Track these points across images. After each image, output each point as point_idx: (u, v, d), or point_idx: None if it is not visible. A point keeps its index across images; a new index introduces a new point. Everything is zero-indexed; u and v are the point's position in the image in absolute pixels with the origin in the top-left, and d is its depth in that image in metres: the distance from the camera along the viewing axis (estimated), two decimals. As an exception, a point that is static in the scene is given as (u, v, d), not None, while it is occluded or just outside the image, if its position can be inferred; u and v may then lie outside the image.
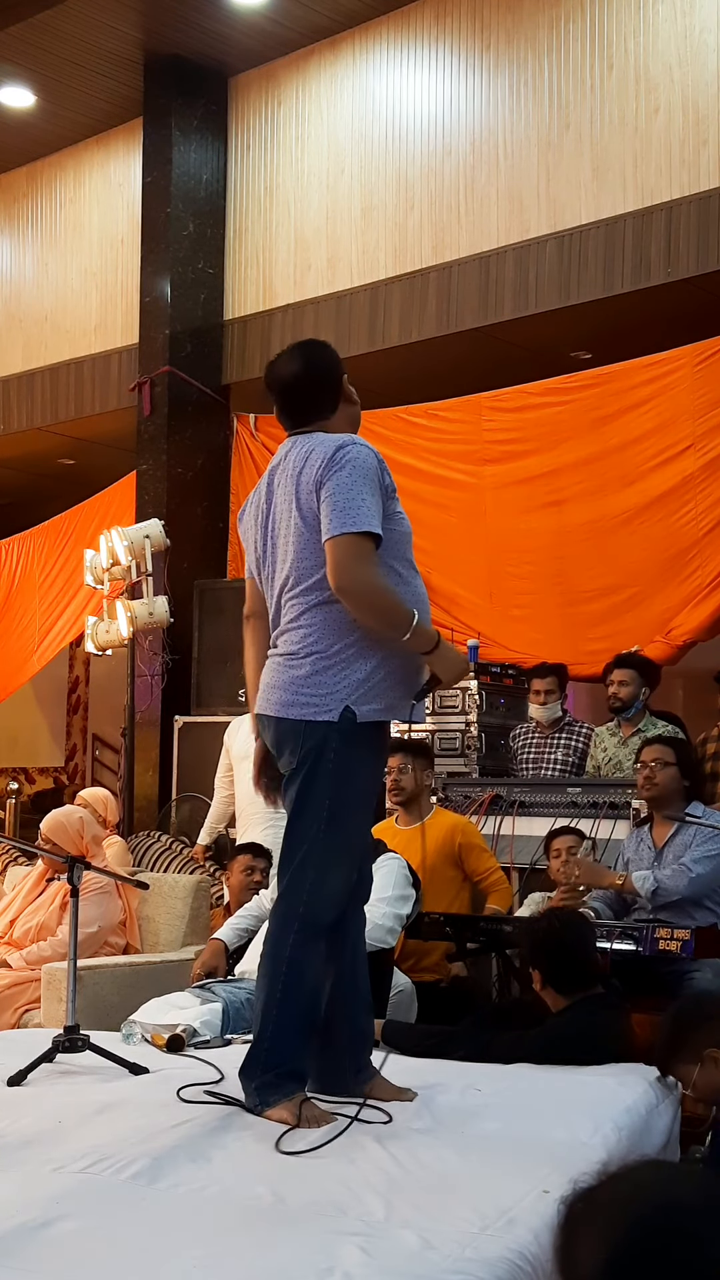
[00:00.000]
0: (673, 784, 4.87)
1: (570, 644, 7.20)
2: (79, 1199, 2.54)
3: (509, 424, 7.50)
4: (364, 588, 3.09)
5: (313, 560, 3.16)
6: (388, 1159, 2.82)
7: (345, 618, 3.15)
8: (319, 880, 3.15)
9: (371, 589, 3.10)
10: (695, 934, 4.33)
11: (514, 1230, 2.40)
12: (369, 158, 8.11)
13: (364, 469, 3.12)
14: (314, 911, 3.16)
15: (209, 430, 8.74)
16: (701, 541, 6.77)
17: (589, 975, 3.99)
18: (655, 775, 4.87)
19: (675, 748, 5.00)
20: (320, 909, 3.16)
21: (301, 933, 3.15)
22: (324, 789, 3.14)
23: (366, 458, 3.14)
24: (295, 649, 3.19)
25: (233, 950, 4.78)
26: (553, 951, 3.96)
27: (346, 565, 3.07)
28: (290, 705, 3.17)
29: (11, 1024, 4.95)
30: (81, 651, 11.52)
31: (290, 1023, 3.16)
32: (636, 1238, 1.25)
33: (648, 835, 4.93)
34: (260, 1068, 3.16)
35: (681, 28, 6.86)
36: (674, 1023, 3.48)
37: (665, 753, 4.92)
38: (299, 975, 3.16)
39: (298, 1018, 3.17)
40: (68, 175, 9.81)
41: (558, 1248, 1.33)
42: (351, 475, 3.11)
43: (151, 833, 7.19)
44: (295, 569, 3.20)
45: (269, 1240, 2.37)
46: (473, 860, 5.39)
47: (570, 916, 4.45)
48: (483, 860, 5.41)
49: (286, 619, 3.23)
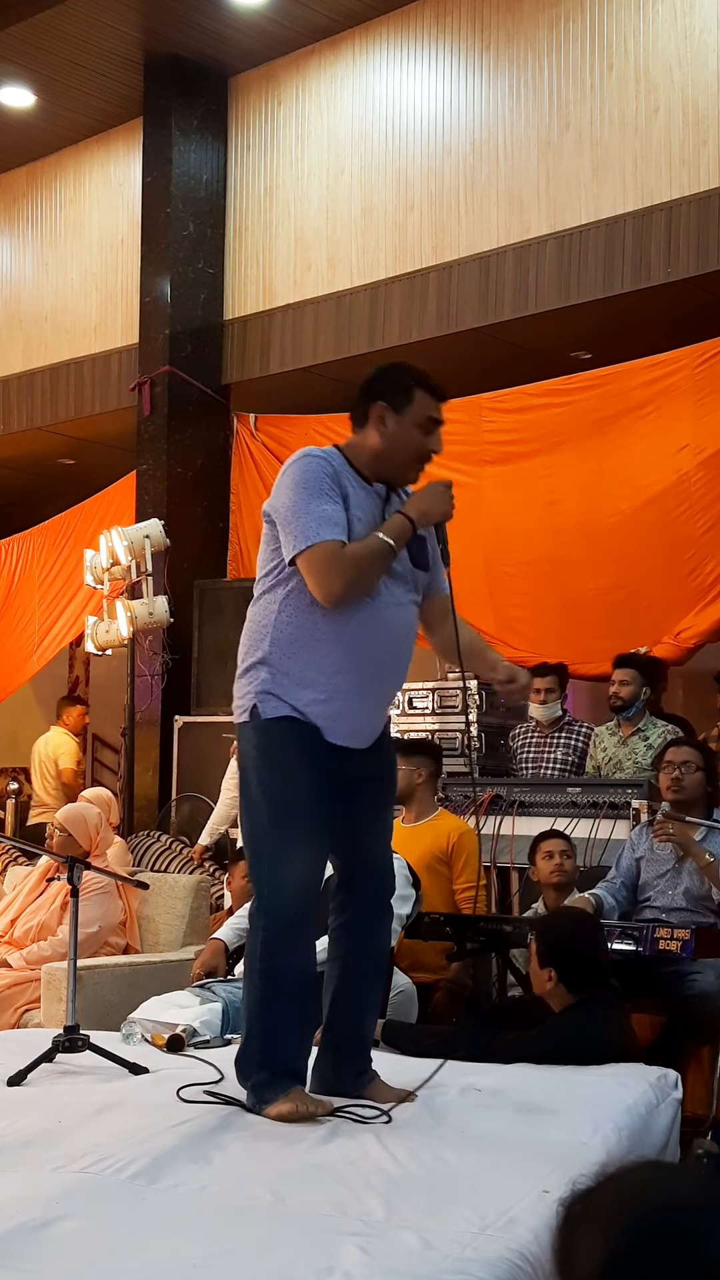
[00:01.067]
0: (699, 789, 4.86)
1: (570, 643, 7.20)
2: (79, 1199, 2.54)
3: (509, 425, 7.50)
4: (346, 592, 3.11)
5: (263, 559, 3.27)
6: (388, 1159, 2.82)
7: (258, 623, 3.23)
8: (272, 874, 3.17)
9: (349, 588, 3.11)
10: (695, 934, 4.33)
11: (514, 1230, 2.40)
12: (369, 158, 8.11)
13: (300, 480, 3.13)
14: (275, 904, 3.17)
15: (209, 430, 8.74)
16: (700, 541, 6.77)
17: (599, 975, 4.00)
18: (684, 779, 4.84)
19: (702, 751, 4.98)
20: (280, 902, 3.16)
21: (267, 928, 3.18)
22: (258, 786, 3.21)
23: (305, 467, 3.15)
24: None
25: (232, 950, 4.78)
26: (569, 951, 3.96)
27: (318, 583, 3.11)
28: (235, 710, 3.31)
29: (11, 1024, 4.95)
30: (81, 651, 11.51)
31: (275, 1018, 3.18)
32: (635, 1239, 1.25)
33: None
34: (255, 1066, 3.17)
35: (681, 28, 6.86)
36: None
37: (694, 756, 4.90)
38: (274, 969, 3.17)
39: (283, 1012, 3.18)
40: (68, 175, 9.80)
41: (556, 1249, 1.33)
42: (292, 492, 3.14)
43: (151, 833, 7.19)
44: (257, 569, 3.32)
45: (269, 1240, 2.37)
46: (458, 866, 5.36)
47: (583, 916, 4.45)
48: (465, 873, 5.37)
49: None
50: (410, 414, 3.23)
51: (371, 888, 3.41)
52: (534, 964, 4.02)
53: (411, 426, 3.23)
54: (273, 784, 3.21)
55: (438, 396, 3.27)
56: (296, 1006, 3.20)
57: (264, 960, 3.19)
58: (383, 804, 3.46)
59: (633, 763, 6.11)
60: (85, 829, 5.29)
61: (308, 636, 3.18)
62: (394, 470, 3.26)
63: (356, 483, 3.22)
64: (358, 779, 3.28)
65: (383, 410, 3.23)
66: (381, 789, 3.45)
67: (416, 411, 3.23)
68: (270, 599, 3.23)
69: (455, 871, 5.35)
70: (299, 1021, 3.22)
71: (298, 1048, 3.23)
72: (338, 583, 3.09)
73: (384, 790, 3.47)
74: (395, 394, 3.23)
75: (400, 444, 3.23)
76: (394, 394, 3.23)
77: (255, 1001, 3.21)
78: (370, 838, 3.38)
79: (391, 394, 3.23)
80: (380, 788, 3.43)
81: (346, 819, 3.30)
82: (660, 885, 4.83)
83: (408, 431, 3.23)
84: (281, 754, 3.21)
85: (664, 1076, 3.55)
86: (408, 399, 3.23)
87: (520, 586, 7.49)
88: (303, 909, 3.19)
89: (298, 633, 3.18)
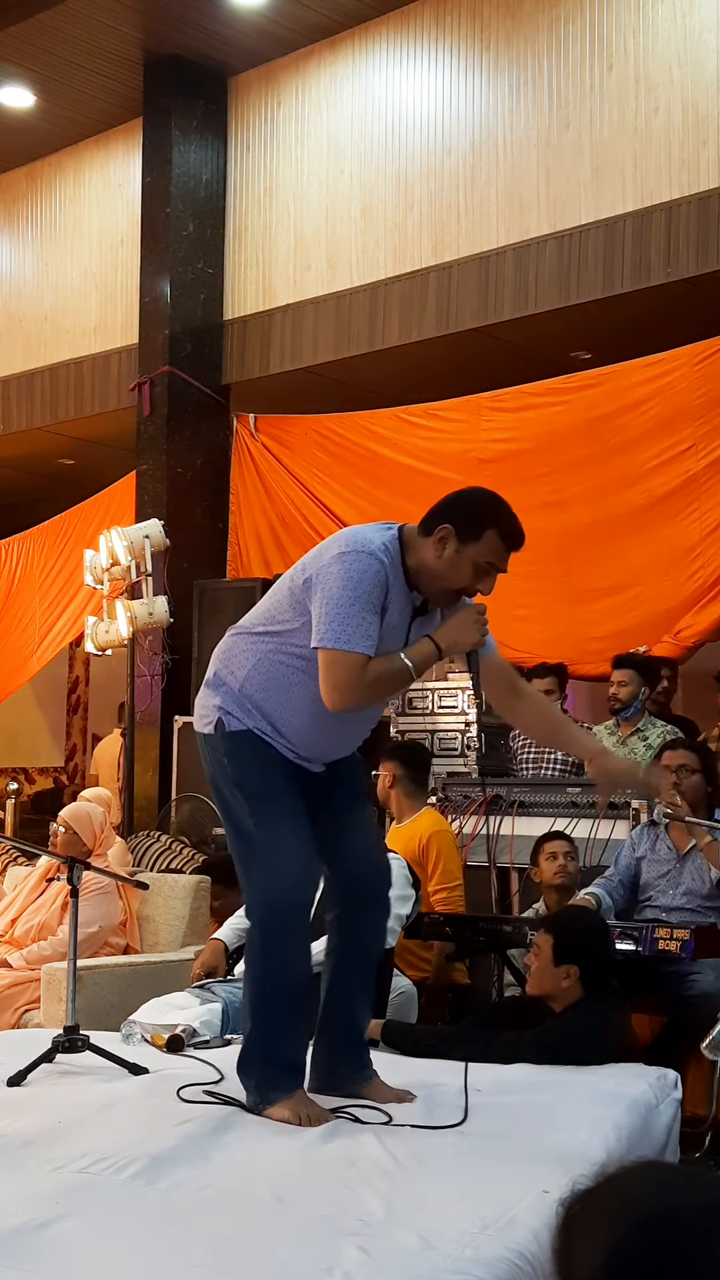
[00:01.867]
0: (699, 792, 4.85)
1: (574, 643, 7.20)
2: (79, 1199, 2.55)
3: (508, 424, 7.50)
4: (355, 707, 3.13)
5: (274, 603, 3.24)
6: (388, 1159, 2.82)
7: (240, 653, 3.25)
8: (263, 874, 3.19)
9: (359, 705, 3.13)
10: (695, 934, 4.33)
11: (514, 1230, 2.40)
12: (369, 158, 8.11)
13: (357, 580, 3.05)
14: (268, 901, 3.19)
15: (209, 430, 8.74)
16: (705, 541, 6.77)
17: (611, 973, 4.00)
18: (682, 783, 4.84)
19: (699, 753, 4.97)
20: (274, 897, 3.18)
21: (263, 925, 3.20)
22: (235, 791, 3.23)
23: (365, 569, 3.06)
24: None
25: (232, 950, 4.78)
26: (591, 948, 3.96)
27: (332, 689, 3.08)
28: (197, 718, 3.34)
29: (11, 1024, 4.95)
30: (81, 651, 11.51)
31: (274, 1014, 3.19)
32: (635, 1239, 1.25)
33: (665, 836, 4.90)
34: (257, 1064, 3.18)
35: (681, 28, 6.86)
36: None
37: (691, 759, 4.89)
38: (271, 967, 3.19)
39: (281, 1009, 3.19)
40: (67, 175, 9.80)
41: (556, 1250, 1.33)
42: (342, 587, 3.05)
43: (151, 833, 7.19)
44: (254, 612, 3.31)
45: (269, 1240, 2.37)
46: (429, 866, 5.34)
47: (595, 914, 4.45)
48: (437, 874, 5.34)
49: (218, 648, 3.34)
50: (472, 551, 3.14)
51: (357, 879, 3.41)
52: (545, 962, 3.97)
53: (469, 563, 3.15)
54: (248, 786, 3.23)
55: (509, 544, 3.18)
56: (293, 1004, 3.21)
57: (262, 956, 3.21)
58: (355, 796, 3.47)
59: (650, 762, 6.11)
60: (90, 827, 5.33)
61: (282, 688, 3.20)
62: (432, 592, 3.22)
63: (400, 585, 3.16)
64: (326, 777, 3.33)
65: (448, 534, 3.14)
66: (352, 780, 3.46)
67: (480, 552, 3.15)
68: (266, 642, 3.22)
69: (428, 873, 5.34)
70: (297, 1019, 3.23)
71: (298, 1045, 3.25)
72: (350, 698, 3.09)
73: (355, 782, 3.48)
74: (468, 525, 3.15)
75: (450, 574, 3.16)
76: (466, 524, 3.15)
77: (254, 1002, 3.22)
78: (349, 830, 3.40)
79: (464, 523, 3.15)
80: (351, 778, 3.45)
81: (323, 816, 3.32)
82: (661, 885, 4.83)
83: (463, 566, 3.15)
84: (252, 755, 3.23)
85: (664, 1076, 3.55)
86: (476, 536, 3.14)
87: (521, 586, 7.48)
88: (297, 902, 3.20)
89: (275, 682, 3.21)
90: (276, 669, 3.21)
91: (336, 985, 3.38)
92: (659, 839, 4.92)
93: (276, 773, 3.23)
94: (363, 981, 3.45)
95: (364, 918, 3.43)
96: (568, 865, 5.07)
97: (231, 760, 3.24)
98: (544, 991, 3.99)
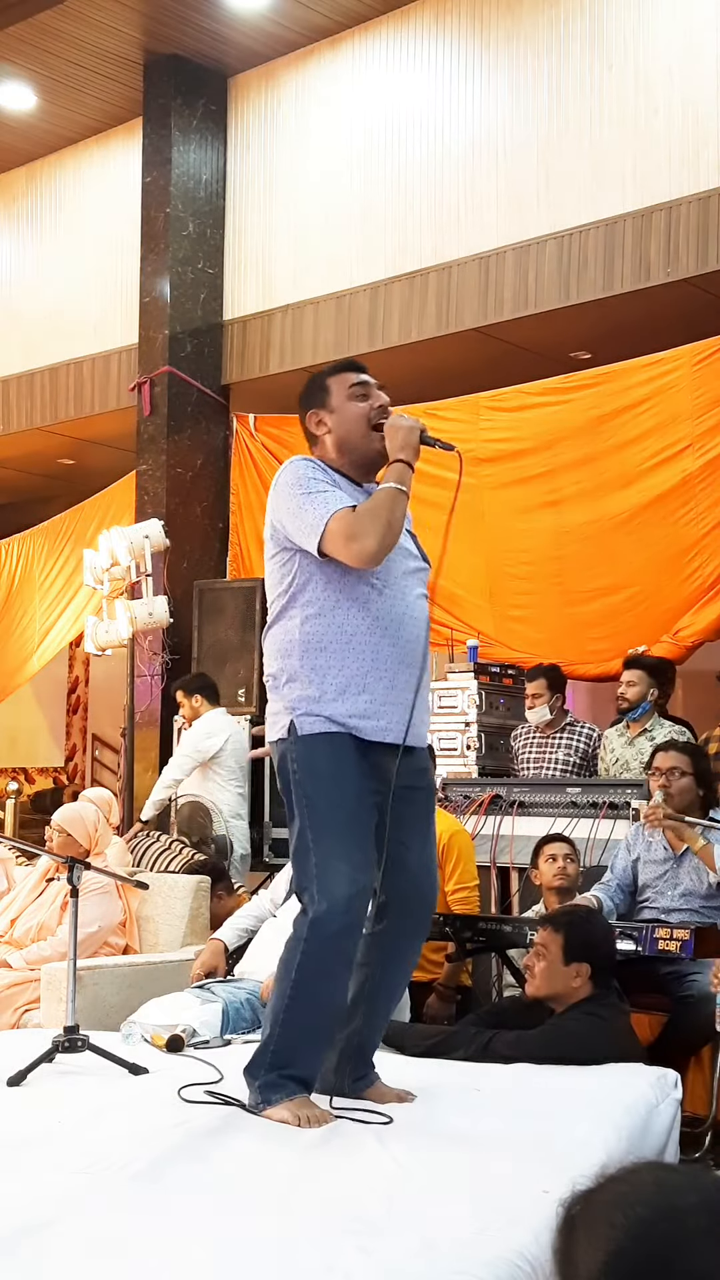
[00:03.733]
0: (689, 795, 4.83)
1: (571, 644, 7.20)
2: (79, 1199, 2.54)
3: (507, 423, 7.50)
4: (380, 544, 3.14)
5: (273, 581, 3.31)
6: (388, 1159, 2.82)
7: (281, 640, 3.26)
8: (318, 887, 3.14)
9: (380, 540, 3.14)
10: (695, 934, 4.33)
11: (514, 1230, 2.40)
12: (369, 158, 8.11)
13: (291, 482, 3.22)
14: (319, 916, 3.14)
15: (209, 430, 8.74)
16: (702, 541, 6.77)
17: (614, 972, 4.00)
18: (671, 786, 4.82)
19: (691, 756, 4.93)
20: (324, 915, 3.13)
21: (309, 939, 3.14)
22: (301, 800, 3.20)
23: (295, 470, 3.24)
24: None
25: (232, 950, 4.78)
26: (602, 947, 3.96)
27: (350, 550, 3.13)
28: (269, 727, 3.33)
29: (11, 1024, 4.95)
30: (81, 651, 11.52)
31: (298, 1029, 3.16)
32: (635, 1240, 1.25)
33: (660, 836, 4.89)
34: (265, 1068, 3.16)
35: (681, 28, 6.86)
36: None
37: (681, 761, 4.86)
38: (307, 983, 3.14)
39: (306, 1025, 3.16)
40: (67, 175, 9.81)
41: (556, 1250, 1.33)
42: (289, 495, 3.21)
43: (151, 833, 7.18)
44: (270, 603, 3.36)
45: (269, 1240, 2.37)
46: (449, 867, 5.35)
47: (599, 914, 4.45)
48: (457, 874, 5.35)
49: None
50: (336, 398, 3.33)
51: (411, 902, 3.37)
52: (554, 961, 3.96)
53: (344, 404, 3.32)
54: (316, 797, 3.18)
55: (349, 371, 3.37)
56: (320, 1024, 3.19)
57: (300, 970, 3.15)
58: (425, 816, 3.42)
59: (639, 763, 6.11)
60: (83, 828, 5.32)
61: (335, 640, 3.20)
62: (360, 451, 3.33)
63: (346, 483, 3.28)
64: (400, 789, 3.25)
65: (315, 415, 3.35)
66: (424, 799, 3.41)
67: (339, 393, 3.33)
68: (290, 614, 3.25)
69: (447, 873, 5.34)
70: (320, 1038, 3.20)
71: (314, 1061, 3.21)
72: (370, 539, 3.12)
73: (426, 801, 3.43)
74: (315, 396, 3.35)
75: (346, 424, 3.32)
76: (314, 398, 3.36)
77: (283, 1007, 3.17)
78: (413, 851, 3.34)
79: (312, 400, 3.36)
80: (423, 797, 3.39)
81: (391, 830, 3.27)
82: (659, 886, 4.82)
83: (344, 410, 3.32)
84: (323, 767, 3.19)
85: (664, 1076, 3.54)
86: (325, 391, 3.34)
87: (521, 586, 7.49)
88: (347, 923, 3.15)
89: (324, 638, 3.20)
90: (319, 625, 3.21)
91: (362, 993, 3.32)
92: (655, 840, 4.91)
93: (346, 784, 3.18)
94: (390, 996, 3.43)
95: (408, 936, 3.40)
96: (567, 868, 5.06)
97: (302, 768, 3.20)
98: (552, 991, 3.95)
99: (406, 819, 3.31)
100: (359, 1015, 3.33)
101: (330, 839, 3.16)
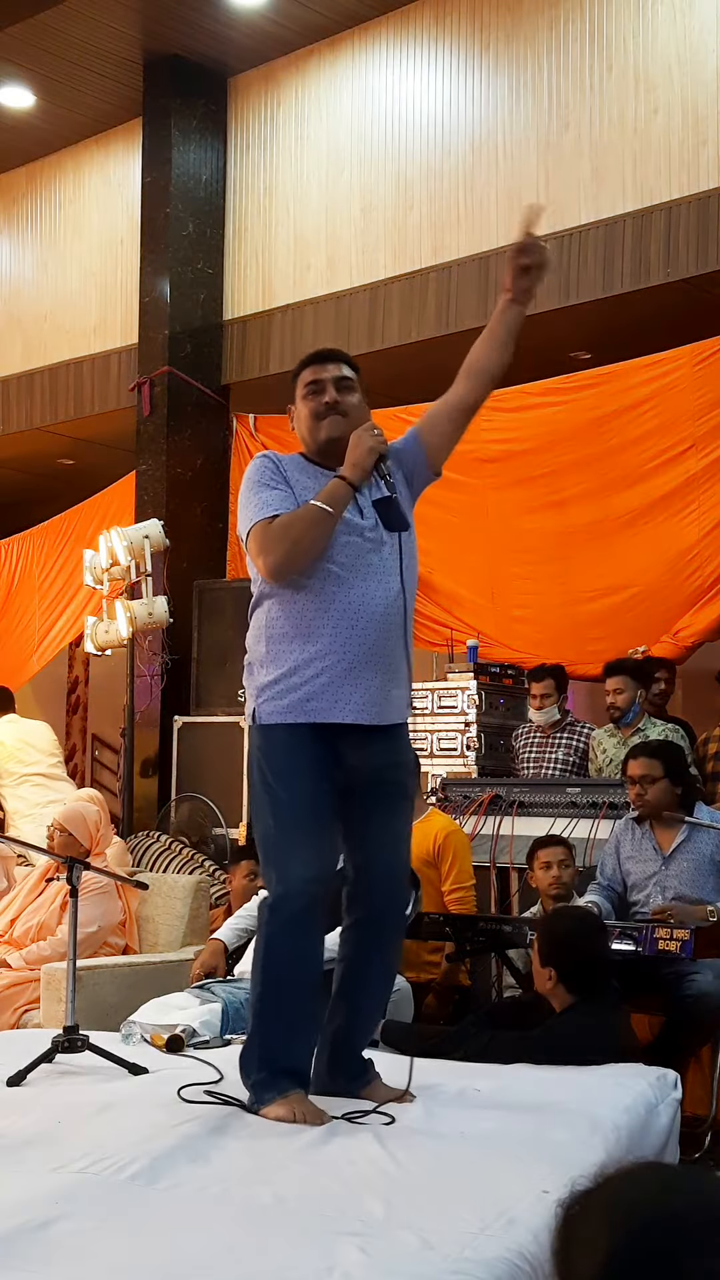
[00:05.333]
0: (665, 796, 4.83)
1: (572, 644, 7.20)
2: (79, 1199, 2.54)
3: (507, 424, 7.49)
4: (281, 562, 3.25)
5: (253, 573, 3.41)
6: (388, 1159, 2.82)
7: (253, 629, 3.38)
8: (276, 873, 3.23)
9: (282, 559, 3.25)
10: (695, 934, 4.33)
11: (514, 1230, 2.40)
12: (368, 158, 8.11)
13: (245, 481, 3.39)
14: (278, 902, 3.21)
15: (209, 430, 8.74)
16: (703, 541, 6.77)
17: (599, 975, 4.00)
18: (646, 792, 4.83)
19: (661, 758, 4.91)
20: (283, 900, 3.19)
21: (270, 924, 3.22)
22: (262, 785, 3.28)
23: (250, 468, 3.41)
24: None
25: (232, 950, 4.78)
26: (570, 951, 3.96)
27: (258, 564, 3.30)
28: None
29: (11, 1024, 4.95)
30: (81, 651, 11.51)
31: (277, 1016, 3.19)
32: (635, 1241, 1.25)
33: (650, 835, 4.89)
34: (255, 1065, 3.18)
35: (681, 28, 6.86)
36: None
37: (651, 767, 4.84)
38: (277, 967, 3.20)
39: (285, 1011, 3.19)
40: (67, 175, 9.80)
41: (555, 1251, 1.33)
42: (241, 495, 3.40)
43: (151, 833, 7.19)
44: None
45: (269, 1240, 2.37)
46: (444, 867, 5.34)
47: (585, 915, 4.45)
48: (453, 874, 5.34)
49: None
50: (296, 397, 3.49)
51: (381, 894, 3.39)
52: (535, 963, 4.02)
53: (299, 403, 3.47)
54: (276, 784, 3.25)
55: (314, 363, 3.49)
56: (298, 1005, 3.21)
57: (266, 958, 3.21)
58: (394, 810, 3.40)
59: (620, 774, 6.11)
60: (85, 827, 5.32)
61: (295, 627, 3.27)
62: (315, 443, 3.43)
63: (314, 472, 3.38)
64: (369, 780, 3.29)
65: (289, 410, 3.54)
66: (395, 793, 3.40)
67: (298, 393, 3.48)
68: (262, 604, 3.38)
69: (443, 873, 5.34)
70: (301, 1021, 3.22)
71: (300, 1047, 3.24)
72: (271, 556, 3.25)
73: (397, 794, 3.41)
74: (289, 392, 3.53)
75: (301, 421, 3.48)
76: (289, 393, 3.53)
77: (257, 999, 3.23)
78: (382, 844, 3.36)
79: (288, 395, 3.53)
80: (393, 791, 3.39)
81: (358, 822, 3.30)
82: (649, 889, 4.82)
83: (299, 408, 3.47)
84: (283, 756, 3.26)
85: (664, 1076, 3.55)
86: (292, 388, 3.51)
87: (522, 586, 7.49)
88: (306, 908, 3.19)
89: (285, 626, 3.29)
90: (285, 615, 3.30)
91: (344, 988, 3.37)
92: (643, 837, 4.90)
93: (306, 773, 3.24)
94: (372, 988, 3.44)
95: (381, 927, 3.41)
96: (562, 875, 5.04)
97: (264, 754, 3.29)
98: (542, 991, 4.01)
99: (373, 812, 3.34)
100: (341, 1013, 3.35)
101: (290, 826, 3.23)
